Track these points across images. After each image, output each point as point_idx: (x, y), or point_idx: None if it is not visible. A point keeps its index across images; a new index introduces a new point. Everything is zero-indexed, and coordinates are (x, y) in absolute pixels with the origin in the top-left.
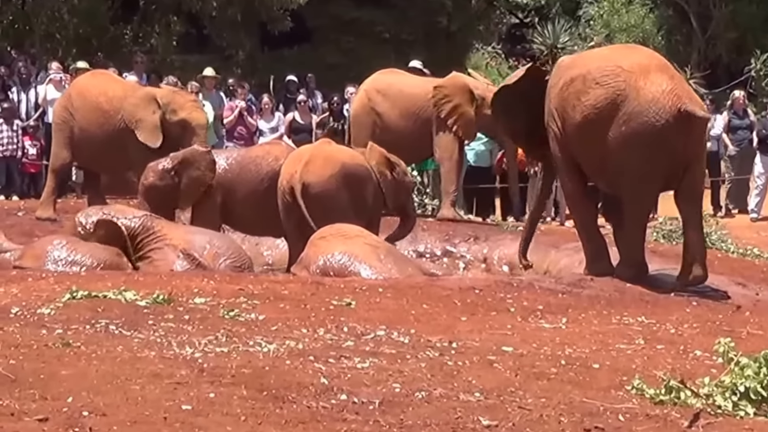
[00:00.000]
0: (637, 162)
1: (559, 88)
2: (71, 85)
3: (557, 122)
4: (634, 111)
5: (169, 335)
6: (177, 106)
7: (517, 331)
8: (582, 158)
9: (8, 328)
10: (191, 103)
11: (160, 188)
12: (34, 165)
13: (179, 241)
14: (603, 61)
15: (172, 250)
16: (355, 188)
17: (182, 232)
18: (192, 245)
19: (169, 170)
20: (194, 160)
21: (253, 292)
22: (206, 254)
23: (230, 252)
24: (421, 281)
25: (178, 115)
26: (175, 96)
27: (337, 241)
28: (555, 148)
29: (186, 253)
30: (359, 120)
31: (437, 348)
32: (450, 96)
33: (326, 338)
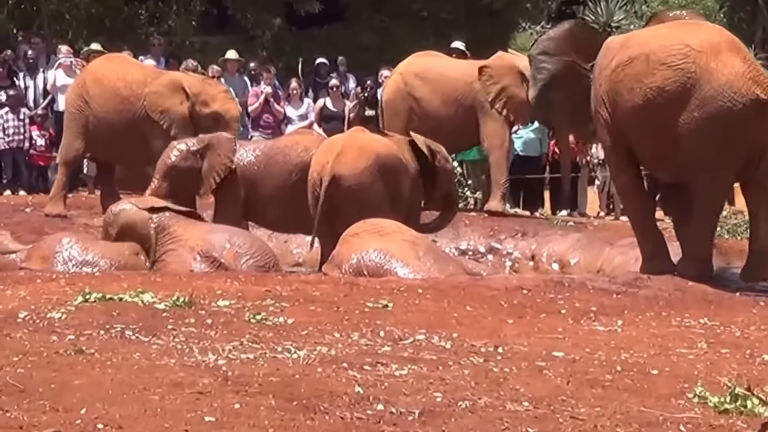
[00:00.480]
0: (712, 150)
1: (611, 71)
2: (85, 71)
3: (608, 108)
4: (707, 96)
5: (190, 341)
6: (208, 98)
7: (569, 335)
8: (640, 147)
9: (16, 334)
10: (223, 95)
11: (182, 169)
12: (42, 157)
13: (197, 242)
14: (667, 40)
15: (188, 252)
16: (391, 180)
17: (201, 231)
18: (211, 245)
19: (195, 152)
20: (218, 146)
21: (282, 294)
22: (226, 254)
23: (253, 250)
24: (463, 281)
25: (209, 107)
26: (206, 86)
27: (372, 237)
28: (605, 136)
29: (204, 254)
30: (394, 106)
31: (482, 353)
32: (497, 77)
33: (361, 343)
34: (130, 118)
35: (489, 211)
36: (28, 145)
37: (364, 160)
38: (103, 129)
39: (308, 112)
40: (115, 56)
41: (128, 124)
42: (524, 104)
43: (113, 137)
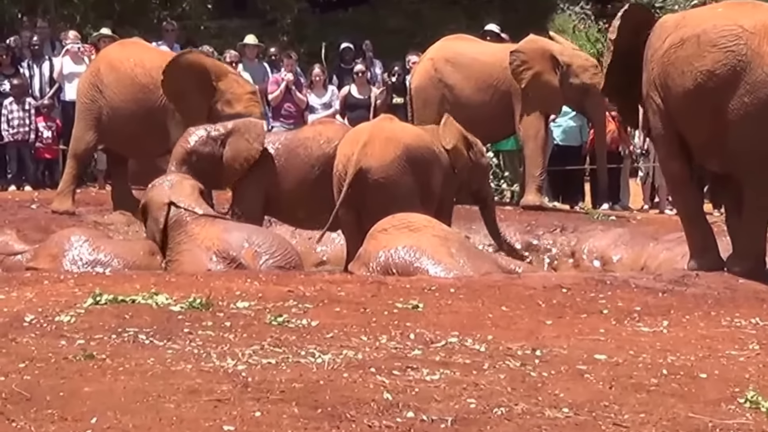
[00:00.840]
0: (763, 139)
1: (663, 52)
2: (98, 58)
3: (659, 92)
4: (758, 80)
5: (207, 345)
6: (233, 97)
7: (611, 337)
8: (690, 134)
9: (22, 339)
10: (249, 96)
11: (202, 156)
12: (49, 150)
13: (213, 241)
14: (720, 20)
15: (204, 252)
16: (422, 172)
17: (218, 230)
18: (228, 244)
19: (215, 137)
20: (245, 130)
21: (305, 295)
22: (244, 253)
23: (273, 249)
24: (499, 279)
25: (233, 107)
26: (235, 83)
27: (401, 233)
28: (656, 122)
29: (221, 254)
30: (424, 94)
31: (518, 357)
32: (529, 62)
33: (390, 347)
34: (149, 107)
35: (525, 206)
36: (34, 137)
37: (392, 150)
38: (119, 119)
39: (332, 100)
40: (131, 41)
41: (147, 114)
42: (557, 92)
43: (130, 128)
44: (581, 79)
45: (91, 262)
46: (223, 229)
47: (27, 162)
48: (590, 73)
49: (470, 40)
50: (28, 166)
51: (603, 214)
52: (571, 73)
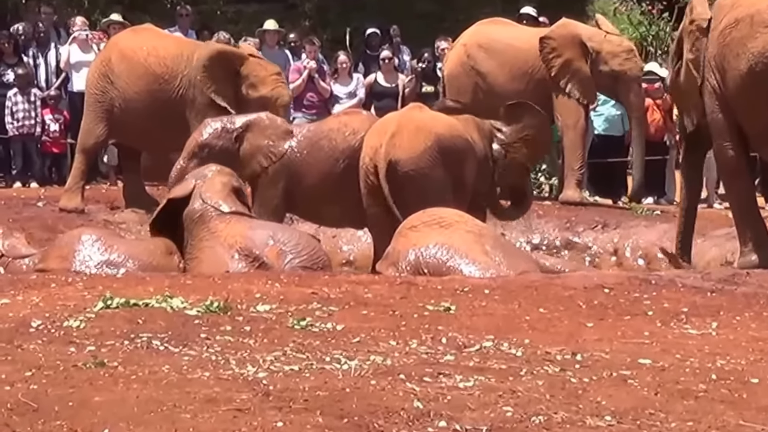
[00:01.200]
0: None
1: (718, 33)
2: (108, 46)
3: (716, 75)
4: None
5: (226, 351)
6: (258, 80)
7: (657, 340)
8: (746, 120)
9: (28, 346)
10: (275, 78)
11: (214, 150)
12: (56, 144)
13: (236, 238)
14: None
15: (226, 249)
16: (454, 164)
17: (242, 227)
18: (251, 242)
19: (230, 130)
20: (265, 126)
21: (329, 297)
22: (268, 252)
23: (299, 248)
24: (536, 279)
25: (258, 90)
26: (257, 67)
27: (432, 230)
28: (713, 107)
29: (244, 252)
30: (457, 82)
31: (557, 362)
32: (559, 49)
33: (420, 352)
34: (165, 99)
35: (565, 202)
36: (40, 130)
37: (422, 141)
38: (132, 112)
39: (357, 89)
40: (142, 28)
41: (162, 105)
42: (589, 80)
43: (144, 121)
44: (610, 65)
45: (103, 263)
46: (247, 227)
47: (33, 157)
48: (621, 59)
49: (506, 24)
50: (34, 162)
51: (647, 209)
52: (601, 59)
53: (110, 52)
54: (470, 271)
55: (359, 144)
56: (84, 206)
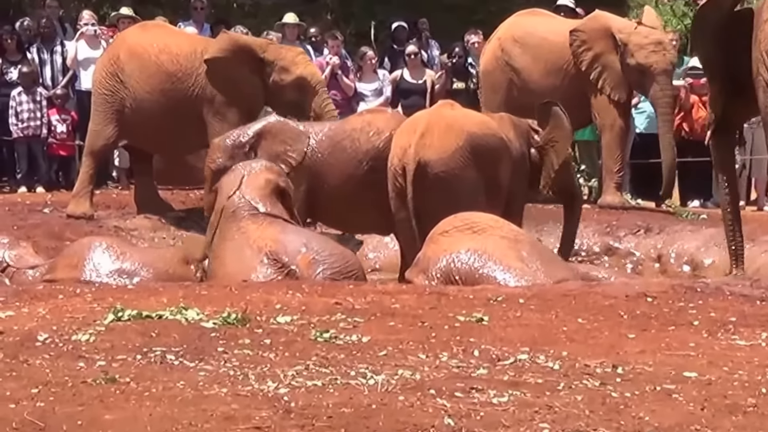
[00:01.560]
0: None
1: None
2: (116, 43)
3: None
4: None
5: (244, 366)
6: (287, 62)
7: (703, 351)
8: None
9: (34, 361)
10: (303, 56)
11: None
12: (64, 146)
13: (266, 242)
14: None
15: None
16: (488, 165)
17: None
18: (282, 247)
19: (242, 145)
20: (278, 132)
21: (354, 307)
22: (299, 260)
23: (333, 259)
24: (574, 288)
25: (291, 73)
26: (280, 49)
27: (465, 235)
28: (766, 102)
29: (273, 257)
30: (491, 78)
31: (597, 375)
32: (589, 42)
33: (451, 365)
34: (179, 98)
35: (604, 206)
36: (46, 132)
37: (453, 140)
38: (143, 112)
39: (383, 86)
40: (152, 24)
41: (176, 105)
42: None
43: (157, 122)
44: (636, 58)
45: (115, 273)
46: (279, 231)
47: (39, 160)
48: (647, 52)
49: (544, 16)
50: (40, 165)
51: (692, 212)
52: (628, 52)
53: (118, 49)
54: (505, 279)
55: (384, 144)
56: (93, 212)
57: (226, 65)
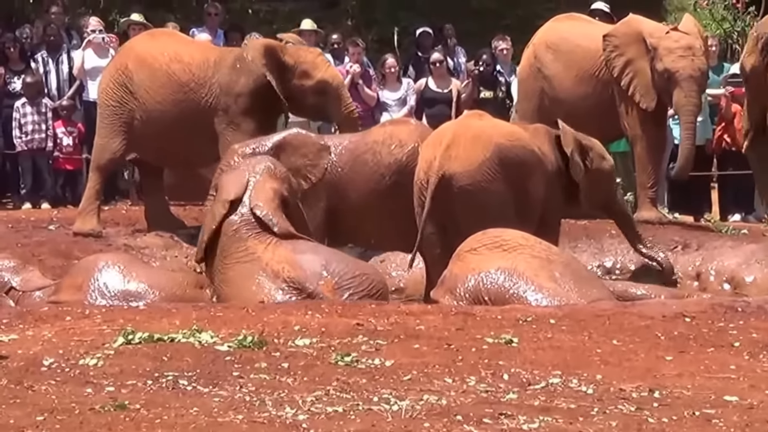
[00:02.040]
0: None
1: None
2: (123, 52)
3: None
4: None
5: (261, 391)
6: (309, 66)
7: (744, 374)
8: None
9: (40, 387)
10: (322, 59)
11: None
12: (70, 160)
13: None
14: None
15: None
16: (518, 178)
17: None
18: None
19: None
20: (299, 145)
21: (377, 329)
22: (322, 285)
23: (357, 282)
24: (608, 308)
25: (312, 76)
26: (300, 52)
27: (494, 253)
28: None
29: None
30: (525, 86)
31: (633, 400)
32: (621, 47)
33: (479, 390)
34: (192, 109)
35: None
36: (52, 145)
37: (480, 152)
38: (154, 124)
39: (408, 95)
40: (160, 32)
41: (189, 117)
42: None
43: (168, 134)
44: (664, 63)
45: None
46: (291, 250)
47: (44, 175)
48: (675, 56)
49: (580, 21)
50: (46, 180)
51: (733, 227)
52: (657, 57)
53: (126, 58)
54: (536, 299)
55: (407, 157)
56: (101, 229)
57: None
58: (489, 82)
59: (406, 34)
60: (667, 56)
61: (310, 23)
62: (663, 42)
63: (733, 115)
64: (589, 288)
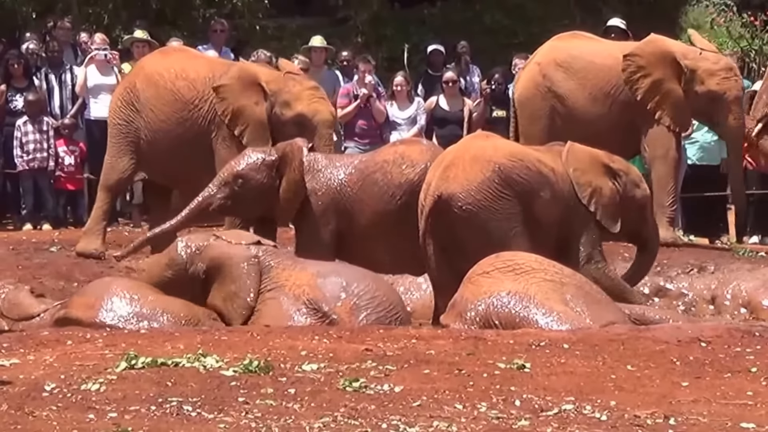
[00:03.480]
0: None
1: None
2: (135, 70)
3: None
4: None
5: (267, 417)
6: (291, 97)
7: (762, 400)
8: None
9: (41, 413)
10: (310, 92)
11: (252, 184)
12: (72, 180)
13: (303, 288)
14: None
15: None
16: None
17: (310, 272)
18: (321, 294)
19: (270, 164)
20: (293, 157)
21: (385, 354)
22: (340, 306)
23: (376, 302)
24: (622, 332)
25: (293, 108)
26: (288, 82)
27: (506, 276)
28: None
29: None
30: (531, 106)
31: (648, 426)
32: (647, 68)
33: (490, 416)
34: (196, 127)
35: None
36: (54, 164)
37: (478, 172)
38: (159, 143)
39: (418, 114)
40: (173, 49)
41: (194, 135)
42: (682, 104)
43: (173, 153)
44: (707, 85)
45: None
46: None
47: (45, 195)
48: (719, 78)
49: (587, 39)
50: (47, 200)
51: (750, 249)
52: (697, 79)
53: (135, 76)
54: (548, 322)
55: (419, 177)
56: (103, 250)
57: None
58: (501, 101)
59: (417, 52)
60: (710, 78)
61: (320, 40)
62: (702, 64)
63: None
64: (603, 311)
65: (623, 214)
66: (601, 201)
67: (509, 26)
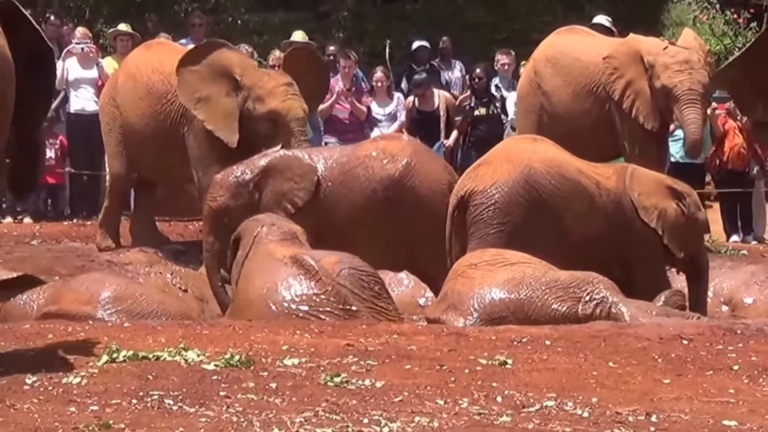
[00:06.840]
0: None
1: None
2: (121, 65)
3: None
4: None
5: (248, 411)
6: (264, 92)
7: (743, 398)
8: None
9: (22, 405)
10: (284, 89)
11: (237, 212)
12: (52, 173)
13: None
14: None
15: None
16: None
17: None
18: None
19: (246, 183)
20: (284, 169)
21: (367, 349)
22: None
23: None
24: (604, 329)
25: (265, 104)
26: (262, 77)
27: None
28: None
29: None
30: (524, 102)
31: (629, 423)
32: (620, 69)
33: (472, 412)
34: (170, 120)
35: None
36: None
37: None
38: (136, 137)
39: (398, 110)
40: (156, 43)
41: (168, 129)
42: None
43: (151, 147)
44: (662, 80)
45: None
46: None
47: None
48: (671, 72)
49: (582, 34)
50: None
51: (732, 247)
52: (654, 74)
53: (119, 71)
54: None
55: (400, 173)
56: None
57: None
58: (482, 98)
59: (399, 47)
60: (663, 72)
61: (302, 35)
62: (659, 58)
63: (725, 133)
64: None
65: (686, 238)
66: (668, 224)
67: (492, 22)
